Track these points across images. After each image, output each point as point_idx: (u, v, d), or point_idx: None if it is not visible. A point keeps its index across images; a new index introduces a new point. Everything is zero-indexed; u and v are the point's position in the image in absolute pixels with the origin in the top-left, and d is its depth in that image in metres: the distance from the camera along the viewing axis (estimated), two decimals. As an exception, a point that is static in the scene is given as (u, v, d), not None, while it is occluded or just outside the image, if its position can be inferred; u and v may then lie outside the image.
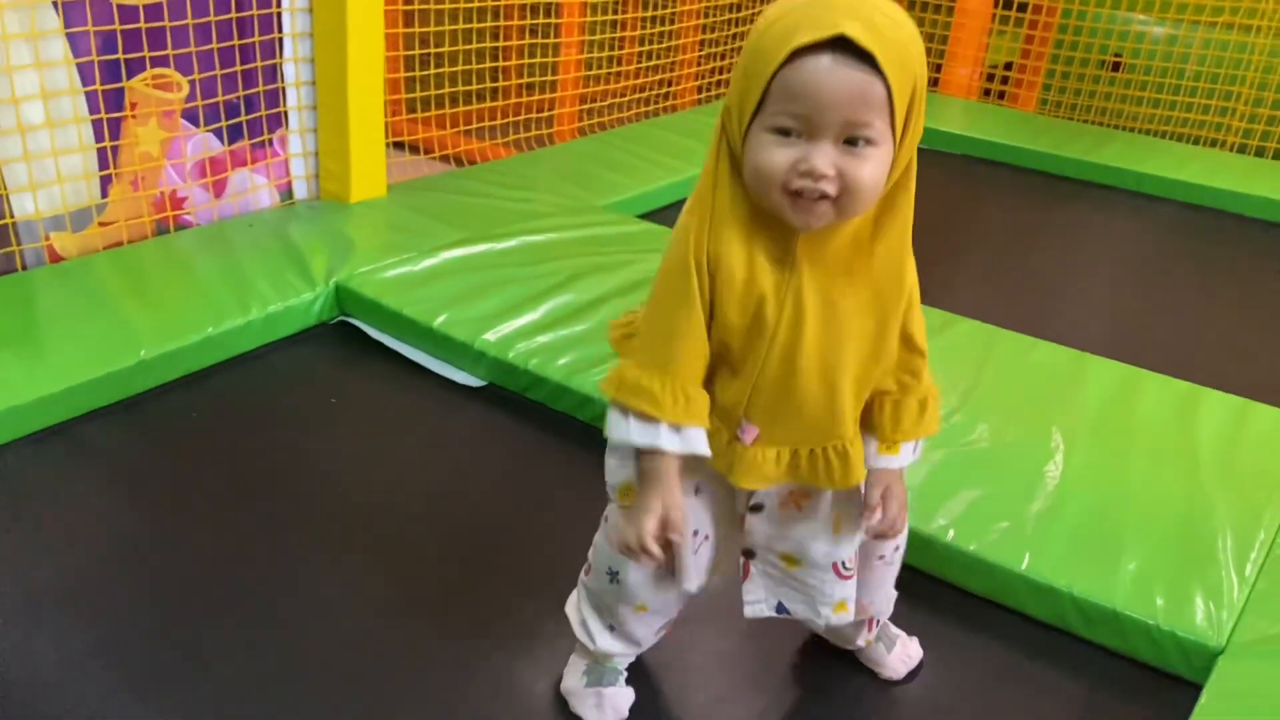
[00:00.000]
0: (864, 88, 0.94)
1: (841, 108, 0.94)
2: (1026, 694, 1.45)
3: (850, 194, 0.97)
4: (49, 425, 1.84)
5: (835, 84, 0.94)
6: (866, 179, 0.97)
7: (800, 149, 0.96)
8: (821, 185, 0.97)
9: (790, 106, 0.95)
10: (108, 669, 1.36)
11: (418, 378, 2.11)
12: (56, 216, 2.25)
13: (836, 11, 0.94)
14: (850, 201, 0.98)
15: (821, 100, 0.94)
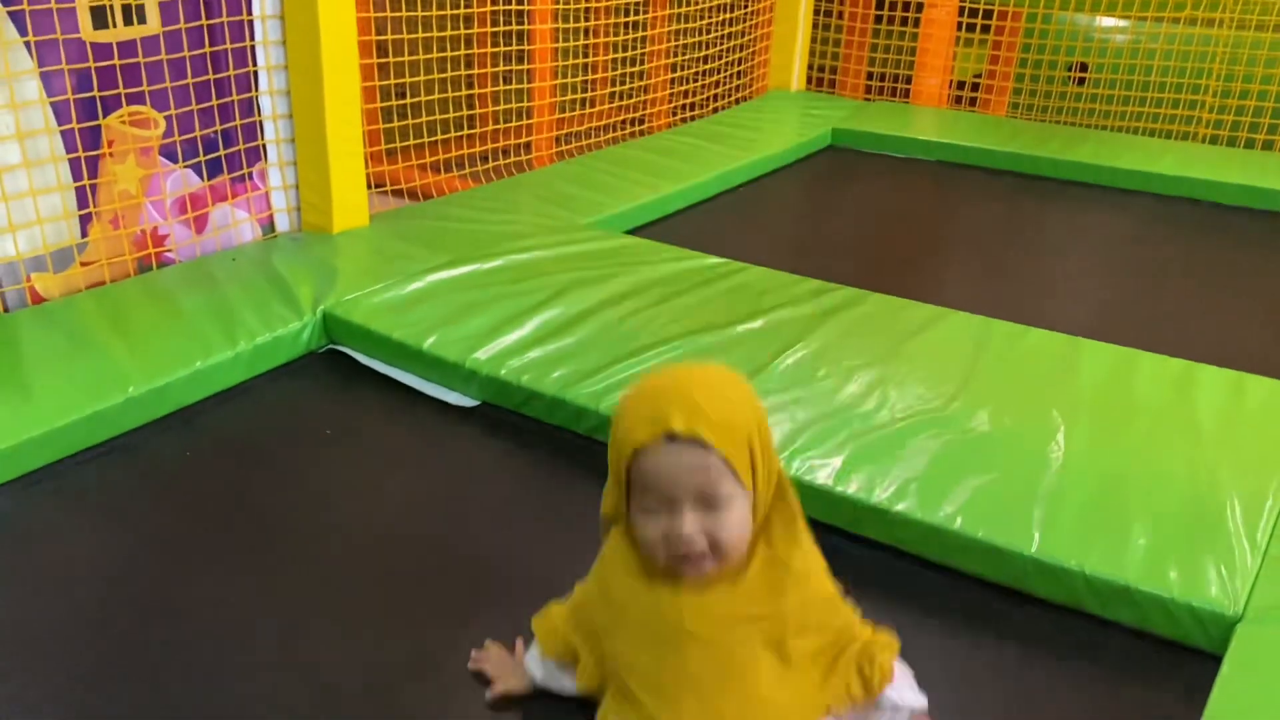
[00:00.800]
0: (702, 464, 1.08)
1: (688, 485, 1.08)
2: (1047, 680, 1.43)
3: (720, 547, 1.11)
4: (39, 466, 1.80)
5: (676, 469, 1.08)
6: (727, 536, 1.10)
7: (667, 521, 1.10)
8: (695, 549, 1.10)
9: (649, 493, 1.10)
10: (102, 710, 1.33)
11: (411, 402, 2.09)
12: (38, 257, 2.23)
13: (663, 405, 1.08)
14: (722, 552, 1.11)
15: (669, 484, 1.08)
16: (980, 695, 1.40)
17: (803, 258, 2.76)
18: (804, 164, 3.78)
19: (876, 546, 1.66)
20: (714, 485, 1.08)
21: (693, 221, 3.16)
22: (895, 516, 1.62)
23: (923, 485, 1.67)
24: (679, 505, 1.09)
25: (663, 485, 1.08)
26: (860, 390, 1.96)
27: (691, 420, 1.07)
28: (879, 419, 1.86)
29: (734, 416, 1.09)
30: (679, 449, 1.07)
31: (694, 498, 1.08)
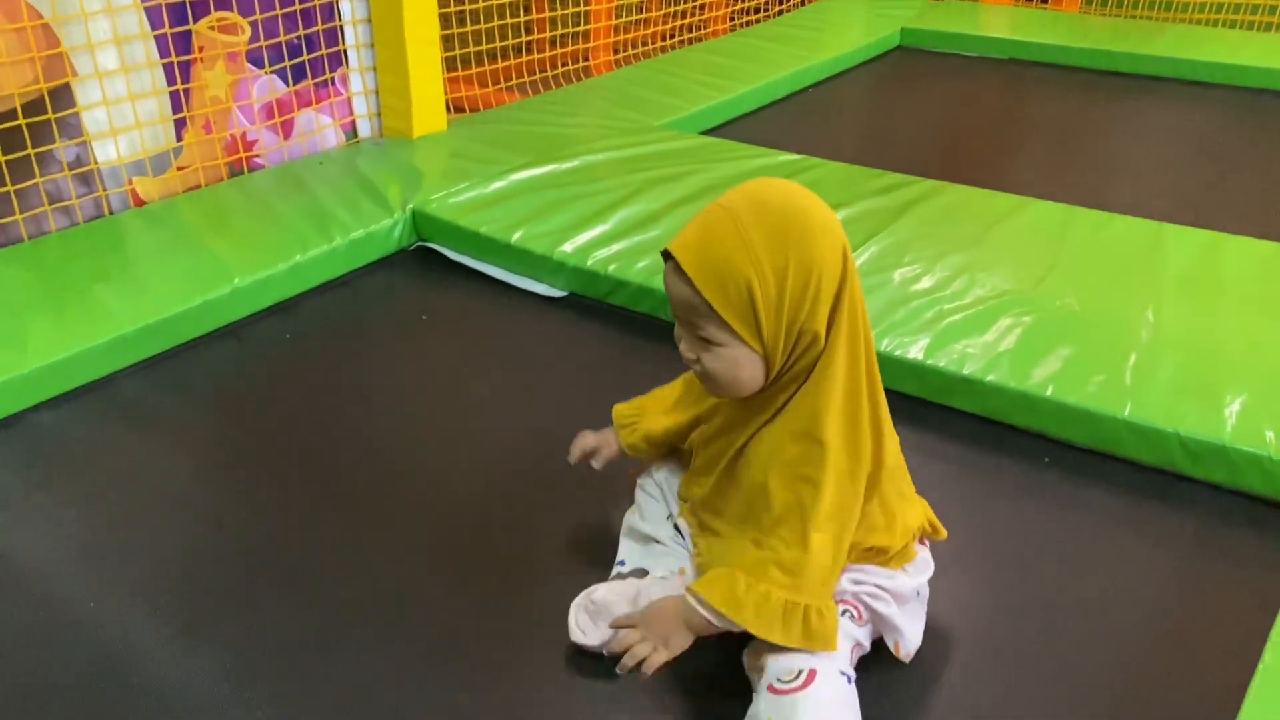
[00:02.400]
0: (687, 297, 1.07)
1: (680, 311, 1.09)
2: (1141, 536, 1.46)
3: (710, 380, 1.11)
4: (155, 353, 1.89)
5: (671, 290, 1.09)
6: (715, 371, 1.09)
7: (681, 334, 1.12)
8: (692, 367, 1.12)
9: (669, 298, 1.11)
10: (206, 574, 1.42)
11: (500, 293, 2.15)
12: (137, 161, 2.31)
13: (696, 222, 1.08)
14: (714, 386, 1.12)
15: (673, 304, 1.10)
16: (1076, 554, 1.44)
17: (878, 155, 2.75)
18: (873, 64, 3.75)
19: (966, 417, 1.69)
20: (698, 320, 1.07)
21: (764, 122, 3.16)
22: (987, 386, 1.65)
23: (1013, 357, 1.69)
24: (683, 324, 1.10)
25: (670, 298, 1.10)
26: (946, 274, 1.98)
27: (686, 251, 1.06)
28: (967, 299, 1.88)
29: (732, 264, 1.03)
30: (675, 272, 1.07)
31: (685, 321, 1.09)
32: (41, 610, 1.32)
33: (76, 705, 1.19)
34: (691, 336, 1.09)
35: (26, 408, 1.73)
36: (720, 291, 1.04)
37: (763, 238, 1.03)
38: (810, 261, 1.04)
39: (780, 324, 1.05)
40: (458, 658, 1.25)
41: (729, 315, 1.04)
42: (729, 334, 1.06)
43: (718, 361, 1.08)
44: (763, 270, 1.03)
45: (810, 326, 1.06)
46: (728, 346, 1.07)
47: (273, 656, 1.25)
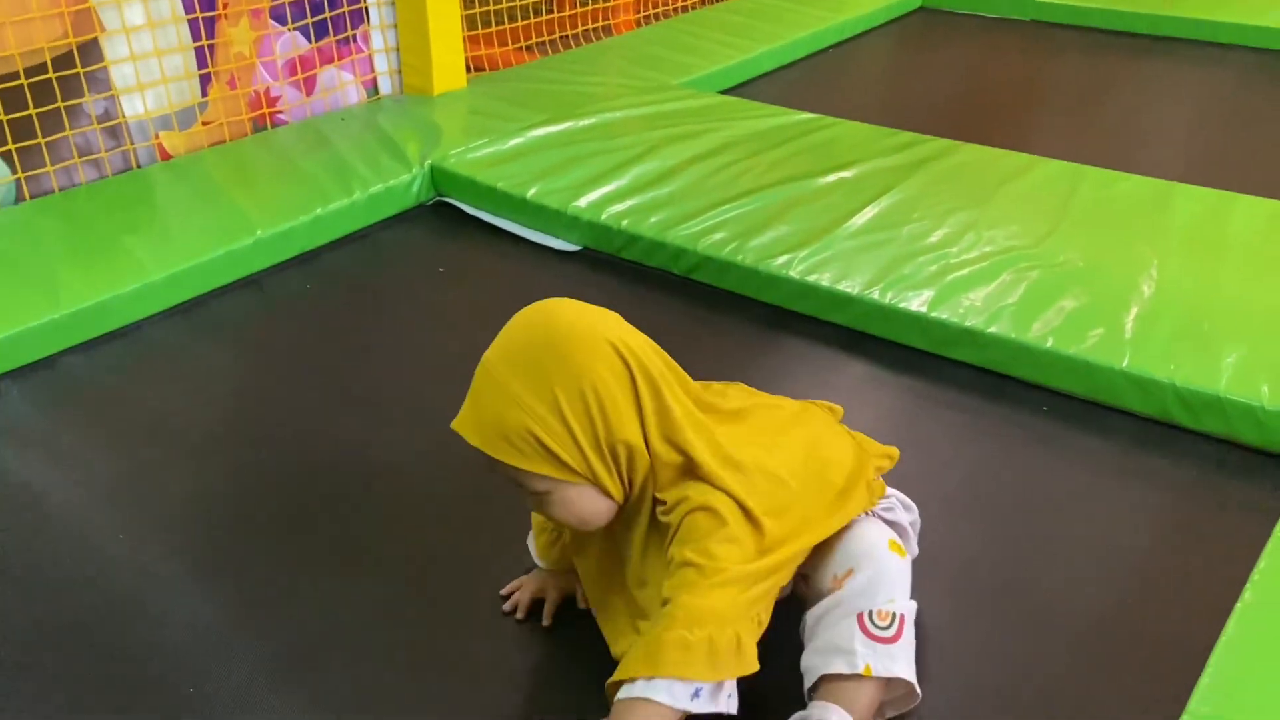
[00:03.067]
0: (489, 463, 1.05)
1: (500, 475, 1.07)
2: (1136, 483, 1.50)
3: (565, 525, 1.12)
4: (180, 301, 1.96)
5: (483, 461, 1.06)
6: (558, 516, 1.08)
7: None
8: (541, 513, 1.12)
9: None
10: (229, 512, 1.48)
11: (516, 247, 2.20)
12: (164, 116, 2.36)
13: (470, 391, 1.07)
14: (573, 527, 1.11)
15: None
16: (1070, 500, 1.48)
17: (893, 115, 2.77)
18: (894, 25, 3.74)
19: (967, 368, 1.73)
20: (518, 478, 1.05)
21: (782, 82, 3.18)
22: (988, 338, 1.69)
23: (1015, 310, 1.73)
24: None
25: None
26: (952, 231, 2.00)
27: (466, 428, 1.05)
28: (971, 254, 1.91)
29: (504, 419, 1.02)
30: (475, 449, 1.05)
31: (511, 482, 1.07)
32: (73, 545, 1.39)
33: (106, 636, 1.25)
34: (524, 493, 1.08)
35: (59, 351, 1.79)
36: (509, 447, 1.02)
37: (520, 381, 1.02)
38: (577, 382, 1.01)
39: (585, 451, 1.03)
40: (464, 600, 1.31)
41: (530, 465, 1.03)
42: (544, 480, 1.04)
43: (556, 508, 1.07)
44: (536, 412, 1.01)
45: (621, 438, 1.03)
46: (556, 491, 1.05)
47: (291, 593, 1.31)
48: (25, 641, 1.24)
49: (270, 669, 1.20)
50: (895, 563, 1.11)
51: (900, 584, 1.10)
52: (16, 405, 1.68)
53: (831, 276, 1.86)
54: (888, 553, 1.11)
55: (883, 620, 1.06)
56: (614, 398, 1.03)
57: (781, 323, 1.88)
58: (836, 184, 2.22)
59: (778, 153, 2.39)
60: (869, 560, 1.10)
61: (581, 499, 1.06)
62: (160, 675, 1.19)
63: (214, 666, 1.20)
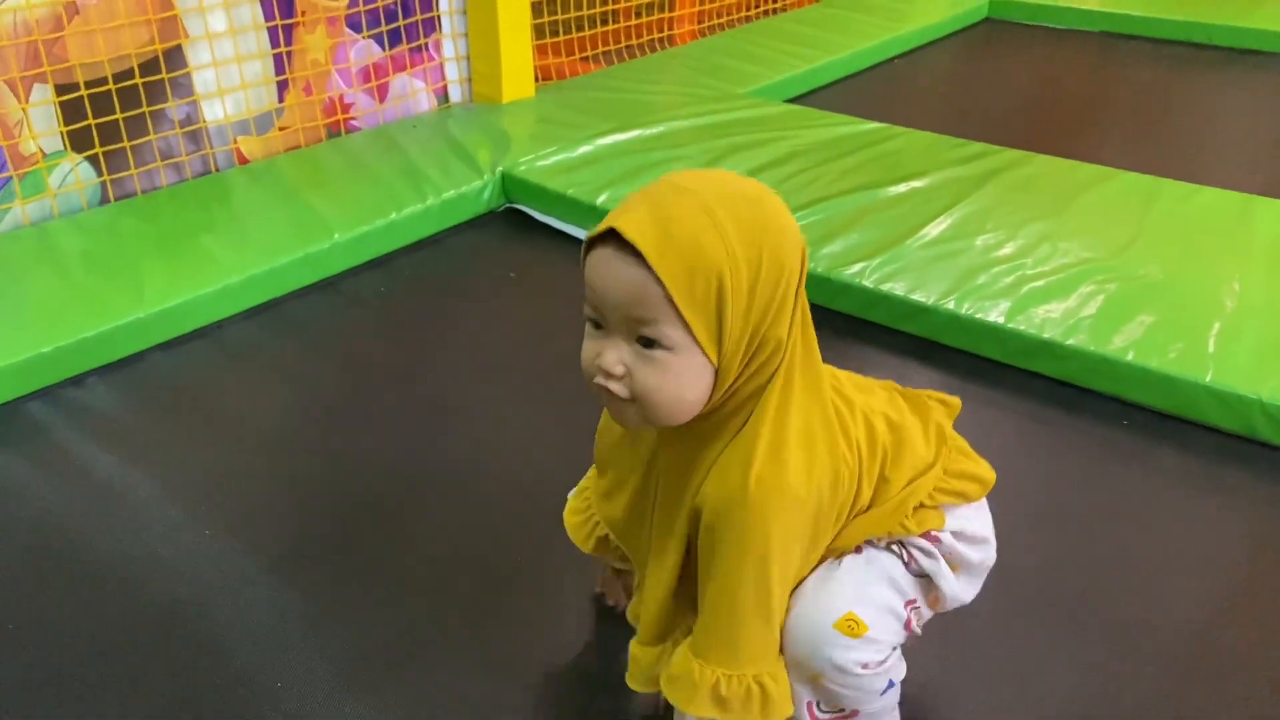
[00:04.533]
0: (633, 288, 0.85)
1: (620, 304, 0.86)
2: (1219, 498, 1.48)
3: (644, 401, 0.88)
4: (259, 302, 2.00)
5: (610, 278, 0.86)
6: (655, 387, 0.87)
7: (600, 342, 0.90)
8: (611, 385, 0.88)
9: (590, 296, 0.89)
10: (309, 509, 1.51)
11: (585, 253, 2.21)
12: (242, 121, 2.41)
13: (637, 199, 0.88)
14: (648, 410, 0.88)
15: (602, 294, 0.87)
16: (1152, 513, 1.46)
17: (961, 126, 2.75)
18: (960, 36, 3.72)
19: (1044, 380, 1.71)
20: (648, 314, 0.85)
21: (847, 92, 3.17)
22: (1067, 350, 1.67)
23: (1094, 322, 1.71)
24: (613, 327, 0.88)
25: (595, 289, 0.88)
26: (1028, 242, 1.99)
27: (642, 227, 0.84)
28: (1048, 266, 1.89)
29: (710, 247, 0.84)
30: (619, 257, 0.85)
31: (623, 320, 0.87)
32: (157, 537, 1.42)
33: (190, 627, 1.28)
34: (623, 344, 0.88)
35: (145, 349, 1.84)
36: (685, 280, 0.84)
37: (733, 222, 0.85)
38: (782, 257, 0.87)
39: (746, 328, 0.87)
40: (538, 603, 1.32)
41: (691, 312, 0.84)
42: (685, 335, 0.86)
43: (661, 375, 0.87)
44: (736, 261, 0.84)
45: (774, 333, 0.89)
46: (678, 353, 0.86)
47: (368, 592, 1.33)
48: (112, 631, 1.27)
49: (355, 665, 1.21)
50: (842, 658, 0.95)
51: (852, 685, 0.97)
52: (104, 400, 1.72)
53: (905, 286, 1.85)
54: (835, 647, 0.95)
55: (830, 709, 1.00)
56: (791, 289, 0.89)
57: (853, 331, 1.87)
58: (907, 194, 2.21)
59: (846, 162, 2.38)
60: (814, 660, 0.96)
61: (698, 378, 0.88)
62: (240, 667, 1.21)
63: (299, 661, 1.22)
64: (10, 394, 1.70)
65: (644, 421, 0.90)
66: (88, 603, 1.31)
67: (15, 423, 1.66)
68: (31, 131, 2.10)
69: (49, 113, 2.12)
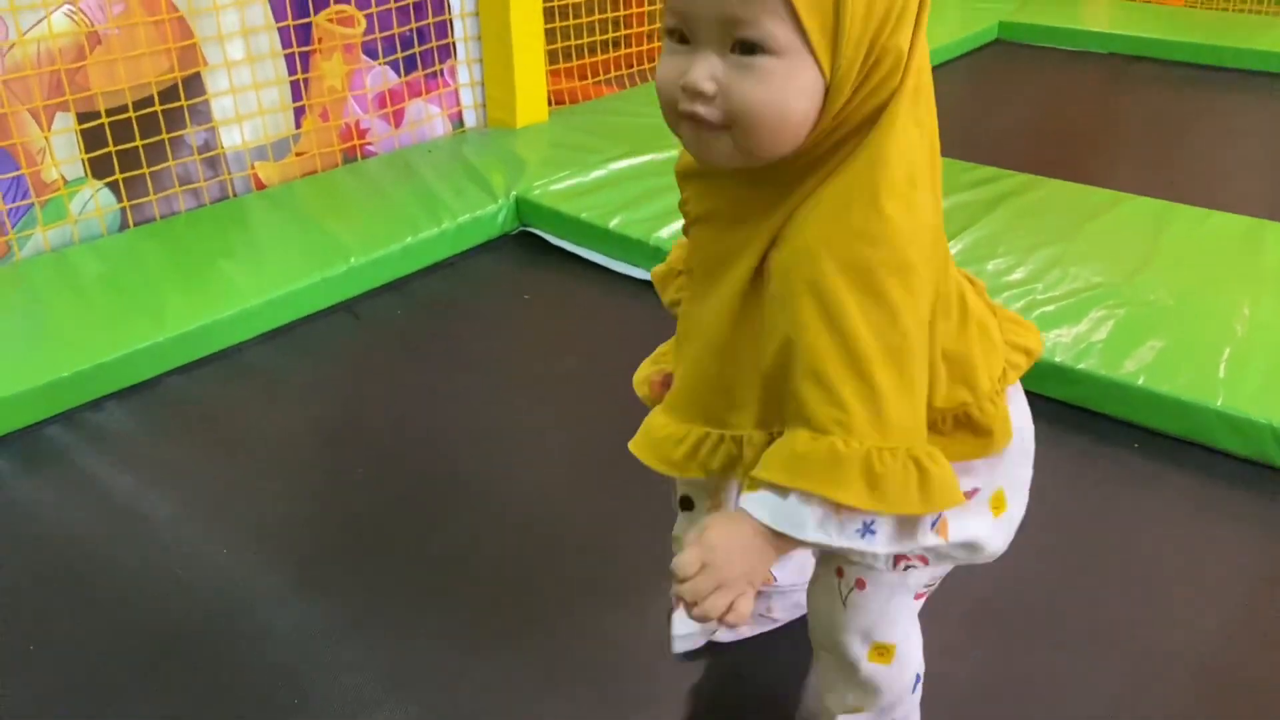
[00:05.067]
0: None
1: (712, 4, 0.72)
2: (1231, 523, 1.48)
3: (740, 121, 0.74)
4: (277, 325, 2.02)
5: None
6: (757, 100, 0.73)
7: (685, 59, 0.75)
8: (699, 108, 0.74)
9: (673, 7, 0.74)
10: (327, 528, 1.52)
11: (599, 277, 2.23)
12: (260, 147, 2.45)
13: None
14: (745, 133, 0.74)
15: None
16: (1162, 536, 1.46)
17: (972, 149, 2.76)
18: (970, 58, 3.74)
19: (1055, 404, 1.72)
20: (751, 13, 0.71)
21: (859, 116, 3.19)
22: (1078, 374, 1.68)
23: (1105, 346, 1.72)
24: (701, 36, 0.74)
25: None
26: (1038, 266, 2.00)
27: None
28: (1059, 291, 1.90)
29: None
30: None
31: (721, 27, 0.72)
32: (177, 556, 1.44)
33: (210, 645, 1.30)
34: (715, 56, 0.74)
35: (163, 372, 1.86)
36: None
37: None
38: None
39: (866, 31, 0.72)
40: (556, 616, 1.33)
41: (805, 3, 0.71)
42: (795, 35, 0.71)
43: (765, 86, 0.72)
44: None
45: (895, 42, 0.74)
46: (785, 59, 0.72)
47: (383, 610, 1.35)
48: (132, 649, 1.28)
49: (378, 681, 1.23)
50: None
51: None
52: (123, 423, 1.74)
53: (916, 310, 1.86)
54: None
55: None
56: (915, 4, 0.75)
57: (865, 356, 1.88)
58: (918, 218, 2.22)
59: (858, 186, 2.39)
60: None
61: (806, 93, 0.73)
62: (264, 686, 1.23)
63: (321, 677, 1.23)
64: (30, 418, 1.72)
65: (738, 155, 0.75)
66: (108, 622, 1.33)
67: (35, 446, 1.68)
68: (53, 159, 2.14)
69: (71, 140, 2.15)
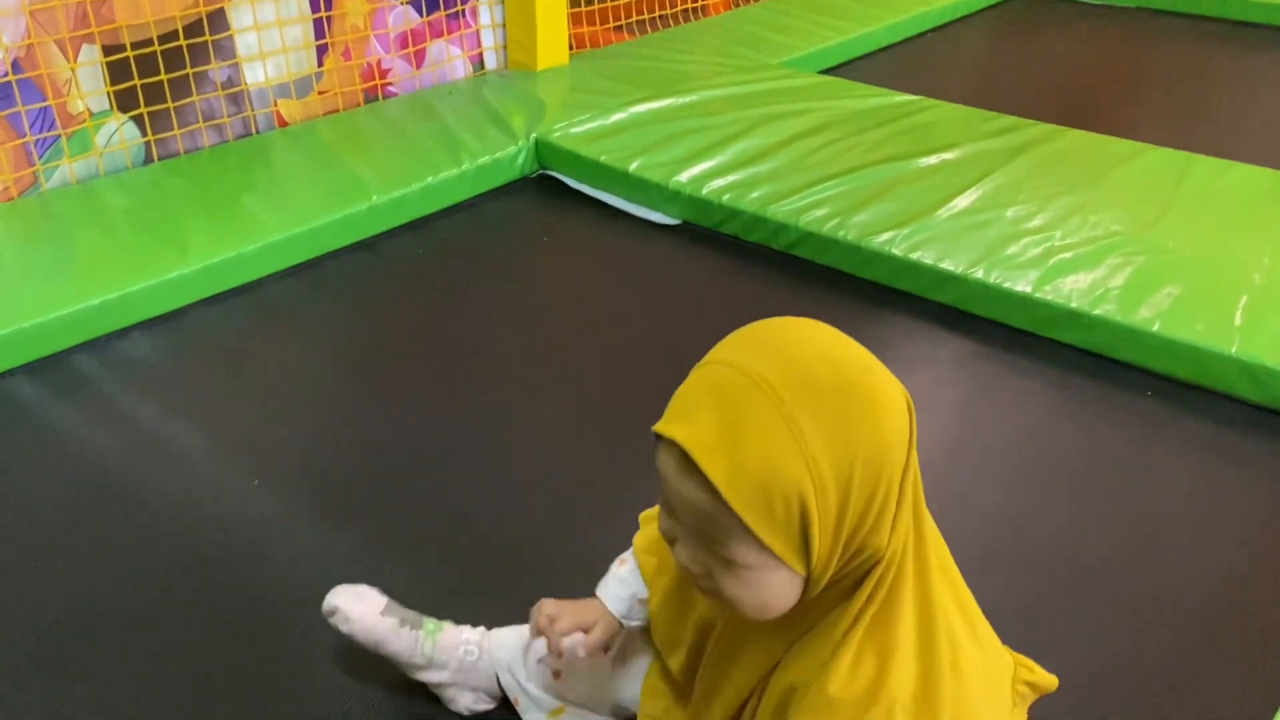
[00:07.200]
0: (701, 506, 0.74)
1: (693, 519, 0.75)
2: (1242, 467, 1.50)
3: (729, 603, 0.78)
4: (299, 261, 2.04)
5: (678, 491, 0.75)
6: (737, 595, 0.77)
7: (677, 529, 0.79)
8: (700, 582, 0.79)
9: (661, 487, 0.77)
10: (346, 458, 1.55)
11: (617, 220, 2.24)
12: (282, 85, 2.45)
13: (707, 394, 0.74)
14: (734, 610, 0.78)
15: (670, 501, 0.76)
16: (1175, 479, 1.48)
17: (994, 100, 2.75)
18: (994, 10, 3.70)
19: (1070, 349, 1.73)
20: (721, 537, 0.74)
21: (881, 65, 3.17)
22: (1093, 320, 1.69)
23: (1121, 293, 1.72)
24: (680, 528, 0.78)
25: (667, 492, 0.77)
26: (1057, 214, 2.00)
27: (708, 446, 0.72)
28: (1077, 238, 1.91)
29: (780, 472, 0.71)
30: (683, 469, 0.74)
31: (698, 535, 0.76)
32: (202, 484, 1.47)
33: (236, 570, 1.33)
34: (703, 550, 0.77)
35: (188, 304, 1.89)
36: (763, 508, 0.72)
37: (819, 431, 0.72)
38: (880, 459, 0.74)
39: (837, 543, 0.75)
40: (572, 543, 1.36)
41: (771, 537, 0.73)
42: (765, 556, 0.74)
43: (741, 587, 0.77)
44: (822, 480, 0.72)
45: (872, 541, 0.76)
46: (759, 570, 0.75)
47: (406, 537, 1.38)
48: (161, 575, 1.32)
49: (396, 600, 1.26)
50: None
51: None
52: (148, 352, 1.77)
53: (934, 255, 1.87)
54: None
55: None
56: (893, 492, 0.76)
57: (882, 300, 1.90)
58: (939, 165, 2.23)
59: (879, 133, 2.39)
60: None
61: (784, 588, 0.77)
62: (289, 603, 1.26)
63: (340, 600, 1.27)
64: (58, 345, 1.75)
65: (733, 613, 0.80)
66: (136, 541, 1.36)
67: (63, 373, 1.71)
68: (79, 91, 2.15)
69: (96, 73, 2.16)
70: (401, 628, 1.10)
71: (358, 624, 1.09)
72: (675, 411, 0.75)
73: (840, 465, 0.72)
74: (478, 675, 1.11)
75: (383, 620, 1.10)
